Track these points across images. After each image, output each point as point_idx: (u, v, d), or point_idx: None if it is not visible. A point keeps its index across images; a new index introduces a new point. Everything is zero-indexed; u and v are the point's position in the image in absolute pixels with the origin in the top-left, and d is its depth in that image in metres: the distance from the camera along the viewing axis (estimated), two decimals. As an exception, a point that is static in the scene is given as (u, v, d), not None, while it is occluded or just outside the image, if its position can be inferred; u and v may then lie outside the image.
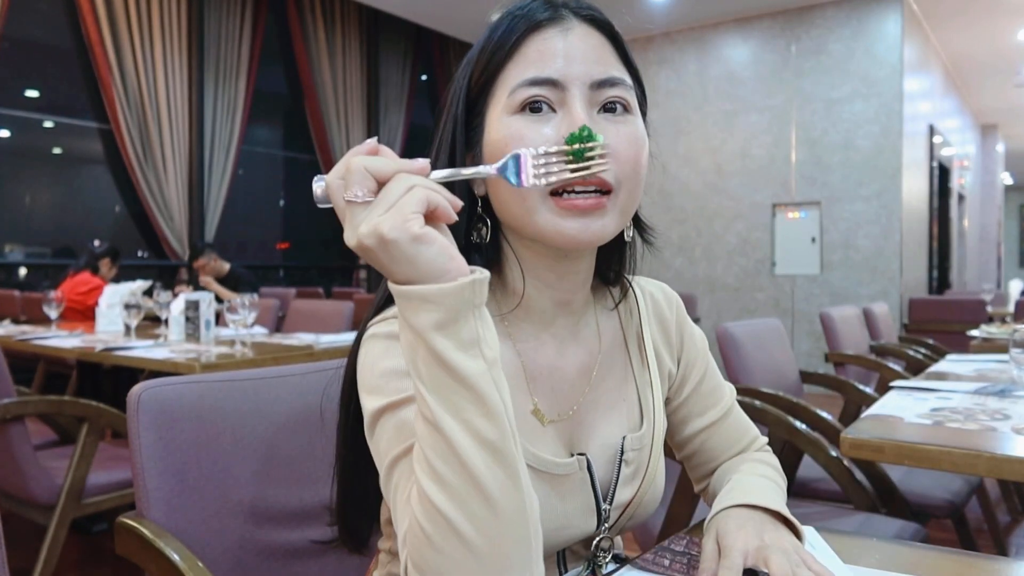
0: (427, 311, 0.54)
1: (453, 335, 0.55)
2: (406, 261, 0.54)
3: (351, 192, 0.56)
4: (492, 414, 0.55)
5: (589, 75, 0.71)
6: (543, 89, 0.70)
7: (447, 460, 0.55)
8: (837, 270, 6.25)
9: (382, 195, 0.55)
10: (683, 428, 0.92)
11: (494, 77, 0.73)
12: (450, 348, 0.54)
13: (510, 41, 0.72)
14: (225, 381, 1.01)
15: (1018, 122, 11.62)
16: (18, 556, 2.36)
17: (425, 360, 0.55)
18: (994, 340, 2.88)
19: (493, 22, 0.75)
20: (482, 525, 0.55)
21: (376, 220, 0.54)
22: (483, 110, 0.74)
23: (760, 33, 6.58)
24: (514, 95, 0.70)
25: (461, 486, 0.55)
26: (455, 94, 0.76)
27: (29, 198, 5.61)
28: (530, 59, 0.71)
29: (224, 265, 5.02)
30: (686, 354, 0.91)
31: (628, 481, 0.81)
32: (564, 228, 0.70)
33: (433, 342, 0.54)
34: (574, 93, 0.70)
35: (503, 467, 0.56)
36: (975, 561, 0.78)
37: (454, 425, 0.55)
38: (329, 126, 6.88)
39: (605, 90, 0.72)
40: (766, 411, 1.77)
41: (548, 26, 0.72)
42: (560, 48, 0.71)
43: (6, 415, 1.92)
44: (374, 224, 0.54)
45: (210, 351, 2.52)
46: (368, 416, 0.66)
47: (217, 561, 0.94)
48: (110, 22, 5.39)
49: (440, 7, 6.77)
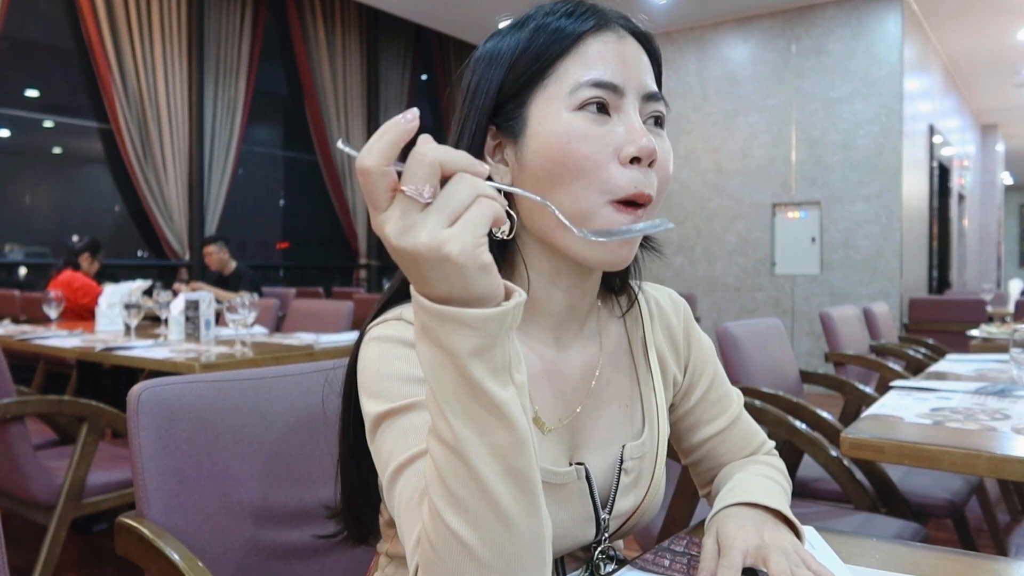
0: (465, 335, 0.50)
1: (488, 360, 0.51)
2: (460, 285, 0.50)
3: (415, 188, 0.48)
4: (520, 442, 0.53)
5: (643, 86, 0.72)
6: (605, 92, 0.70)
7: (468, 486, 0.52)
8: (837, 270, 6.25)
9: (444, 198, 0.49)
10: (691, 435, 0.91)
11: (546, 69, 0.71)
12: (485, 375, 0.51)
13: (571, 36, 0.71)
14: (225, 381, 1.01)
15: (1018, 122, 11.61)
16: (18, 556, 2.36)
17: (454, 383, 0.52)
18: (994, 340, 2.88)
19: (532, 13, 0.74)
20: (500, 550, 0.54)
21: (443, 235, 0.48)
22: (526, 100, 0.72)
23: (760, 33, 6.58)
24: (577, 93, 0.70)
25: (482, 513, 0.53)
26: (482, 86, 0.73)
27: (29, 198, 5.61)
28: (592, 58, 0.71)
29: (231, 261, 5.02)
30: (693, 361, 0.90)
31: (628, 490, 0.80)
32: (596, 249, 0.70)
33: (469, 368, 0.51)
34: (631, 101, 0.71)
35: (527, 494, 0.54)
36: (975, 561, 0.78)
37: (481, 452, 0.52)
38: (329, 126, 6.88)
39: (652, 103, 0.73)
40: (766, 411, 1.77)
41: (608, 30, 0.73)
42: (620, 54, 0.72)
43: (6, 415, 1.92)
44: (440, 239, 0.48)
45: (210, 351, 2.52)
46: (369, 420, 0.65)
47: (217, 561, 0.94)
48: (110, 22, 5.39)
49: (440, 7, 6.77)
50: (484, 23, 7.16)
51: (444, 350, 0.51)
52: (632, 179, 0.69)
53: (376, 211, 0.50)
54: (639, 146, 0.69)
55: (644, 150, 0.69)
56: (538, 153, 0.70)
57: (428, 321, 0.51)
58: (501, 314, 0.51)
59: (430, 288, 0.51)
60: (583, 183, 0.69)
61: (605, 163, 0.69)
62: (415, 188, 0.48)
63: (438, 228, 0.48)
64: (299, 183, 7.32)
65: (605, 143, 0.69)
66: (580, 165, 0.68)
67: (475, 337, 0.50)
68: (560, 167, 0.69)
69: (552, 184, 0.70)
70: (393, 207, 0.49)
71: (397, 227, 0.49)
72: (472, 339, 0.50)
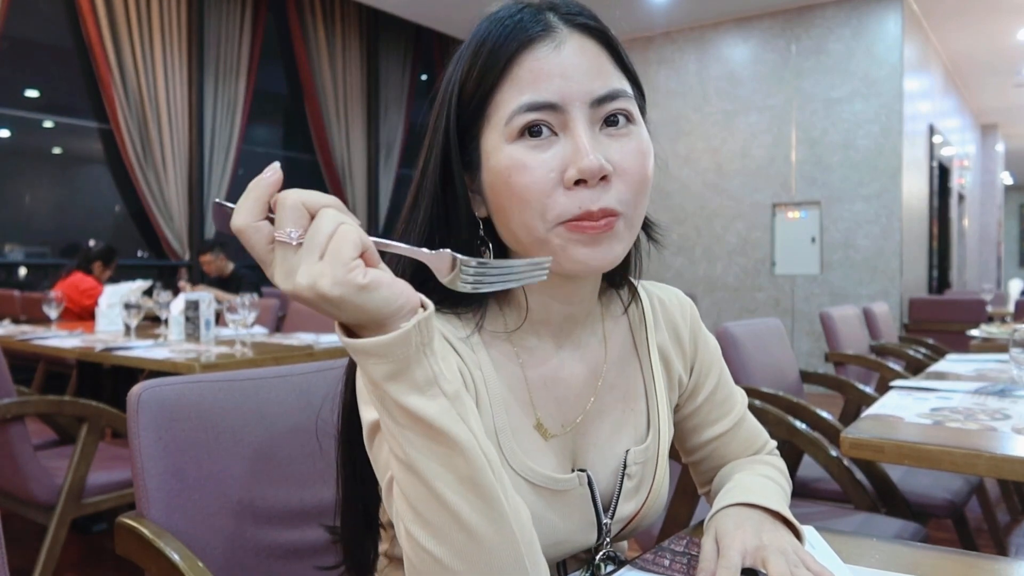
0: (375, 364, 0.53)
1: (407, 381, 0.53)
2: (354, 310, 0.52)
3: (284, 232, 0.51)
4: (462, 449, 0.54)
5: (589, 92, 0.67)
6: (542, 114, 0.66)
7: (426, 501, 0.54)
8: (837, 270, 6.25)
9: (310, 236, 0.51)
10: (695, 436, 0.91)
11: (486, 100, 0.68)
12: (406, 393, 0.53)
13: (500, 62, 0.67)
14: (225, 381, 1.01)
15: (1018, 122, 11.61)
16: (18, 556, 2.36)
17: (387, 406, 0.54)
18: (994, 340, 2.88)
19: (478, 32, 0.70)
20: (471, 560, 0.55)
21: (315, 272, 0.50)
22: (478, 133, 0.70)
23: (760, 33, 6.58)
24: (512, 122, 0.66)
25: (442, 524, 0.54)
26: (444, 106, 0.71)
27: (29, 198, 5.61)
28: (524, 81, 0.67)
29: (228, 264, 5.03)
30: (699, 362, 0.89)
31: (631, 495, 0.80)
32: (575, 255, 0.68)
33: (389, 391, 0.53)
34: (575, 115, 0.67)
35: (482, 499, 0.55)
36: (975, 561, 0.78)
37: (428, 465, 0.54)
38: (329, 126, 6.88)
39: (606, 105, 0.68)
40: (766, 411, 1.77)
41: (539, 42, 0.67)
42: (555, 66, 0.67)
43: (6, 415, 1.92)
44: (313, 277, 0.50)
45: (210, 351, 2.52)
46: (367, 427, 0.65)
47: (217, 561, 0.94)
48: (110, 22, 5.39)
49: (440, 7, 6.77)
50: (484, 23, 7.16)
51: (367, 378, 0.54)
52: (578, 201, 0.66)
53: (264, 265, 0.53)
54: (579, 168, 0.65)
55: (585, 171, 0.65)
56: (490, 187, 0.70)
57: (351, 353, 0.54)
58: (403, 336, 0.52)
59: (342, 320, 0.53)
60: (529, 213, 0.67)
61: (549, 190, 0.66)
62: (284, 232, 0.51)
63: (312, 265, 0.50)
64: (299, 183, 7.19)
65: (548, 169, 0.66)
66: (523, 196, 0.67)
67: (384, 364, 0.52)
68: (507, 199, 0.68)
69: (505, 215, 0.69)
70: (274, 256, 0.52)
71: (280, 273, 0.52)
72: (382, 366, 0.52)
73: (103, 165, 5.78)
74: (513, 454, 0.72)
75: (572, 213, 0.66)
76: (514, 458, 0.72)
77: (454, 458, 0.54)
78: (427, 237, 0.71)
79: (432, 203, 0.72)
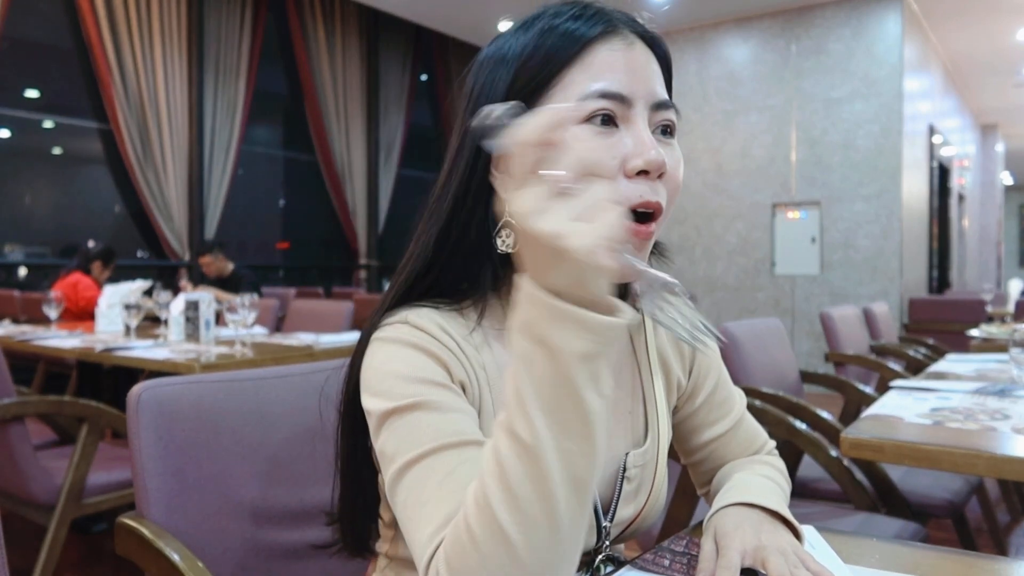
0: (581, 338, 0.50)
1: (593, 367, 0.51)
2: (575, 282, 0.49)
3: (557, 173, 0.49)
4: (595, 454, 0.53)
5: (653, 95, 0.70)
6: (611, 103, 0.67)
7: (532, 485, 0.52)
8: (837, 270, 6.25)
9: (582, 193, 0.49)
10: (694, 437, 0.91)
11: (550, 80, 0.69)
12: (587, 382, 0.51)
13: (575, 45, 0.69)
14: (225, 381, 1.01)
15: (1018, 122, 11.61)
16: (18, 556, 2.36)
17: (551, 383, 0.51)
18: (994, 340, 2.88)
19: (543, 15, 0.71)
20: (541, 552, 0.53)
21: (569, 226, 0.48)
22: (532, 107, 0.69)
23: (760, 33, 6.58)
24: (583, 104, 0.67)
25: (537, 514, 0.52)
26: (485, 92, 0.71)
27: (29, 198, 5.61)
28: (596, 68, 0.68)
29: (228, 265, 5.04)
30: (698, 364, 0.89)
31: (630, 498, 0.80)
32: None
33: (573, 371, 0.50)
34: (639, 112, 0.68)
35: (583, 505, 0.54)
36: (975, 561, 0.78)
37: (556, 456, 0.51)
38: (329, 126, 6.88)
39: (662, 112, 0.70)
40: (766, 411, 1.77)
41: (614, 36, 0.70)
42: (628, 62, 0.69)
43: (6, 415, 1.92)
44: (566, 230, 0.47)
45: (210, 351, 2.52)
46: (375, 418, 0.66)
47: (217, 561, 0.94)
48: (110, 22, 5.39)
49: (440, 7, 6.77)
50: (484, 23, 7.16)
51: (547, 347, 0.50)
52: (638, 191, 0.67)
53: (514, 186, 0.50)
54: (646, 159, 0.66)
55: (652, 163, 0.66)
56: None
57: (537, 316, 0.50)
58: (621, 325, 0.50)
59: (546, 278, 0.50)
60: None
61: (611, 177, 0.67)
62: (559, 175, 0.48)
63: (566, 219, 0.48)
64: (299, 183, 7.32)
65: (611, 155, 0.67)
66: None
67: (589, 342, 0.50)
68: None
69: None
70: (532, 185, 0.49)
71: (529, 206, 0.49)
72: (585, 343, 0.50)
73: (103, 165, 5.78)
74: None
75: (633, 200, 0.67)
76: None
77: (584, 458, 0.53)
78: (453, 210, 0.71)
79: (468, 173, 0.71)
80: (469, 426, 0.66)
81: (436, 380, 0.67)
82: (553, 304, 0.49)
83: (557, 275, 0.49)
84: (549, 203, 0.48)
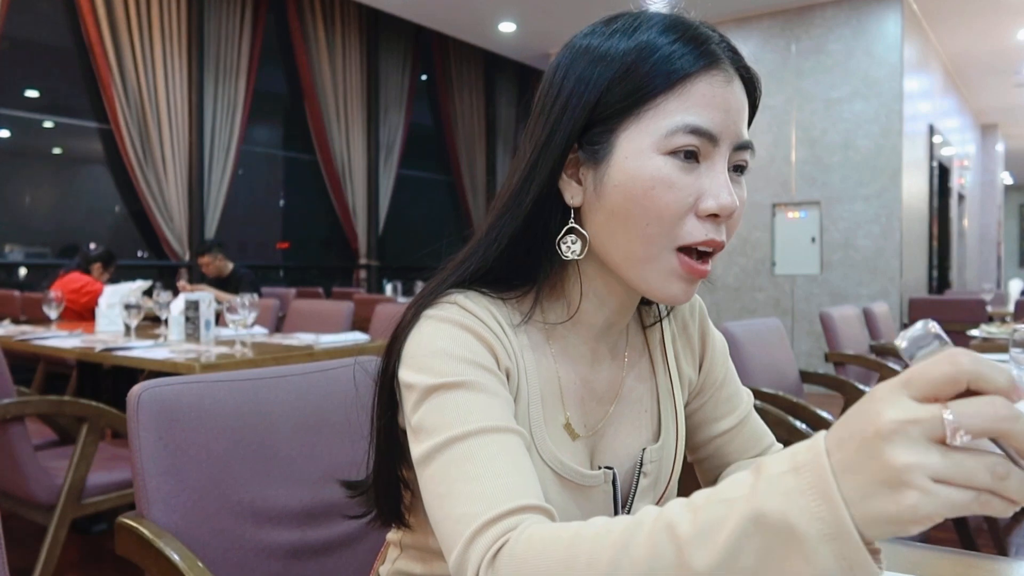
0: (840, 565, 0.43)
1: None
2: (874, 515, 0.42)
3: (959, 433, 0.40)
4: None
5: (738, 136, 0.70)
6: (700, 139, 0.66)
7: None
8: (837, 270, 6.25)
9: (972, 465, 0.41)
10: (699, 433, 0.92)
11: (644, 101, 0.67)
12: None
13: (676, 73, 0.67)
14: (225, 381, 1.01)
15: (1018, 122, 11.62)
16: (18, 556, 2.36)
17: (767, 564, 0.45)
18: (994, 340, 2.88)
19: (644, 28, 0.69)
20: None
21: (928, 486, 0.40)
22: (616, 127, 0.68)
23: (760, 33, 6.58)
24: (673, 136, 0.66)
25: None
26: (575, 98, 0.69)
27: (29, 198, 5.61)
28: (694, 100, 0.67)
29: (227, 265, 5.04)
30: (707, 360, 0.90)
31: (647, 492, 0.81)
32: (671, 289, 0.69)
33: None
34: (723, 152, 0.68)
35: None
36: (975, 561, 0.78)
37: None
38: (329, 126, 6.88)
39: (741, 153, 0.71)
40: (766, 411, 1.77)
41: (716, 70, 0.68)
42: (724, 100, 0.68)
43: (6, 415, 1.92)
44: (922, 487, 0.40)
45: (210, 351, 2.52)
46: (416, 391, 0.66)
47: (217, 561, 0.94)
48: (110, 22, 5.39)
49: (440, 7, 6.77)
50: (484, 23, 7.16)
51: (803, 553, 0.44)
52: (705, 231, 0.68)
53: (903, 411, 0.42)
54: (720, 204, 0.67)
55: (725, 209, 0.67)
56: (619, 189, 0.68)
57: (824, 515, 0.43)
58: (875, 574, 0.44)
59: (847, 479, 0.43)
60: (657, 228, 0.67)
61: (683, 214, 0.67)
62: (960, 435, 0.40)
63: (930, 471, 0.41)
64: (299, 183, 7.32)
65: (688, 193, 0.67)
66: (659, 213, 0.67)
67: (841, 572, 0.44)
68: (639, 209, 0.67)
69: (625, 222, 0.68)
70: (922, 411, 0.41)
71: (901, 425, 0.41)
72: (839, 570, 0.43)
73: (103, 165, 5.78)
74: (544, 445, 0.73)
75: (698, 240, 0.67)
76: (545, 450, 0.73)
77: None
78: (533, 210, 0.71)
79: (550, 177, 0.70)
80: (511, 414, 0.66)
81: (484, 364, 0.67)
82: (850, 530, 0.43)
83: (863, 495, 0.42)
84: (925, 440, 0.41)
